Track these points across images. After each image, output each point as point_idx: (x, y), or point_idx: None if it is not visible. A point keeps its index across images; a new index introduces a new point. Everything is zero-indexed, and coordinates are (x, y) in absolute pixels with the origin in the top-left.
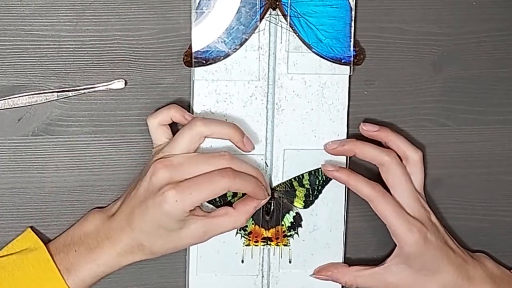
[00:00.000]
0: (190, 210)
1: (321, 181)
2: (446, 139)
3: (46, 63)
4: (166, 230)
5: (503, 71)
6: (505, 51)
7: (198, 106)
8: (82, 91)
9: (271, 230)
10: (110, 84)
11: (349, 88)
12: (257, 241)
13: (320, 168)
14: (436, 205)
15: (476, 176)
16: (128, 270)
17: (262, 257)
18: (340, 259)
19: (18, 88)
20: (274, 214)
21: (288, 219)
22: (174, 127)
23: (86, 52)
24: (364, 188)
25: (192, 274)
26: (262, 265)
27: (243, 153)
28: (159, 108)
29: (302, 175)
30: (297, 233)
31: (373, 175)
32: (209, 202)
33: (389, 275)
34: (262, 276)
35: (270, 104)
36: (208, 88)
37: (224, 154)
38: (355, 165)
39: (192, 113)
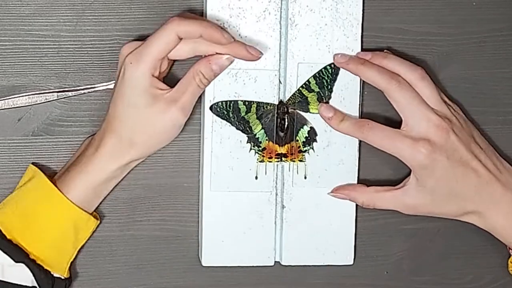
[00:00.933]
0: (153, 76)
1: (329, 80)
2: None
3: (46, 63)
4: (136, 108)
5: (503, 71)
6: (505, 51)
7: (211, 21)
8: (82, 91)
9: (285, 146)
10: (110, 84)
11: (363, 3)
12: (271, 157)
13: (323, 68)
14: None
15: None
16: (128, 271)
17: (276, 174)
18: (354, 176)
19: (18, 88)
20: (289, 130)
21: (303, 133)
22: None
23: (86, 52)
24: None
25: (206, 190)
26: (276, 182)
27: (256, 67)
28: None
29: (308, 80)
30: (312, 148)
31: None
32: (226, 120)
33: (407, 197)
34: (276, 194)
35: (284, 19)
36: (221, 3)
37: (173, 19)
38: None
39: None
